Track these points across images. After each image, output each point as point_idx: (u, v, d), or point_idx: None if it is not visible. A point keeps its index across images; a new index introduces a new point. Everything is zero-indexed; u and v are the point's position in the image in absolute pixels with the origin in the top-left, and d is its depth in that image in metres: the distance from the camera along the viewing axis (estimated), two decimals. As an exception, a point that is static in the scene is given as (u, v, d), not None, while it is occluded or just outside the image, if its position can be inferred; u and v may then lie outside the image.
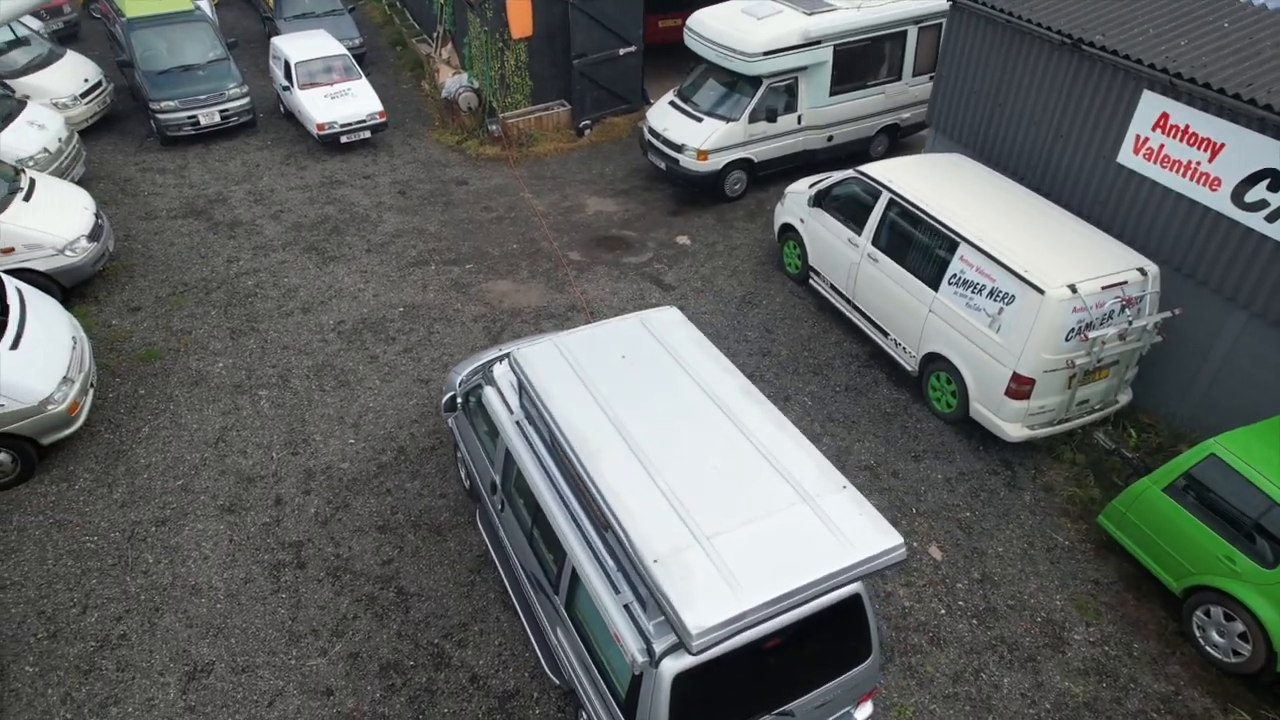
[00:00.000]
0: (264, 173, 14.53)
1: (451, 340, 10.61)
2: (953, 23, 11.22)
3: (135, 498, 8.37)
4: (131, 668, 6.91)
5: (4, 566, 7.71)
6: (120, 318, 10.87)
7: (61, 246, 10.52)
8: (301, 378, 9.94)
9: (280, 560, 7.80)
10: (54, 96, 14.71)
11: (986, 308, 8.61)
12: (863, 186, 10.18)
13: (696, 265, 12.15)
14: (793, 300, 11.39)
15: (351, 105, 14.97)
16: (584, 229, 13.08)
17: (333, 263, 12.12)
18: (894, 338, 9.86)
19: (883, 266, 9.83)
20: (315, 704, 6.68)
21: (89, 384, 8.91)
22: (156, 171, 14.46)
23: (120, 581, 7.58)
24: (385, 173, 14.65)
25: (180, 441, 9.02)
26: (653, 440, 5.31)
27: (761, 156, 13.47)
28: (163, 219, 13.07)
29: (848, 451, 9.02)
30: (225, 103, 15.20)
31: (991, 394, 8.66)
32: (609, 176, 14.61)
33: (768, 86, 12.87)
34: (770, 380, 9.98)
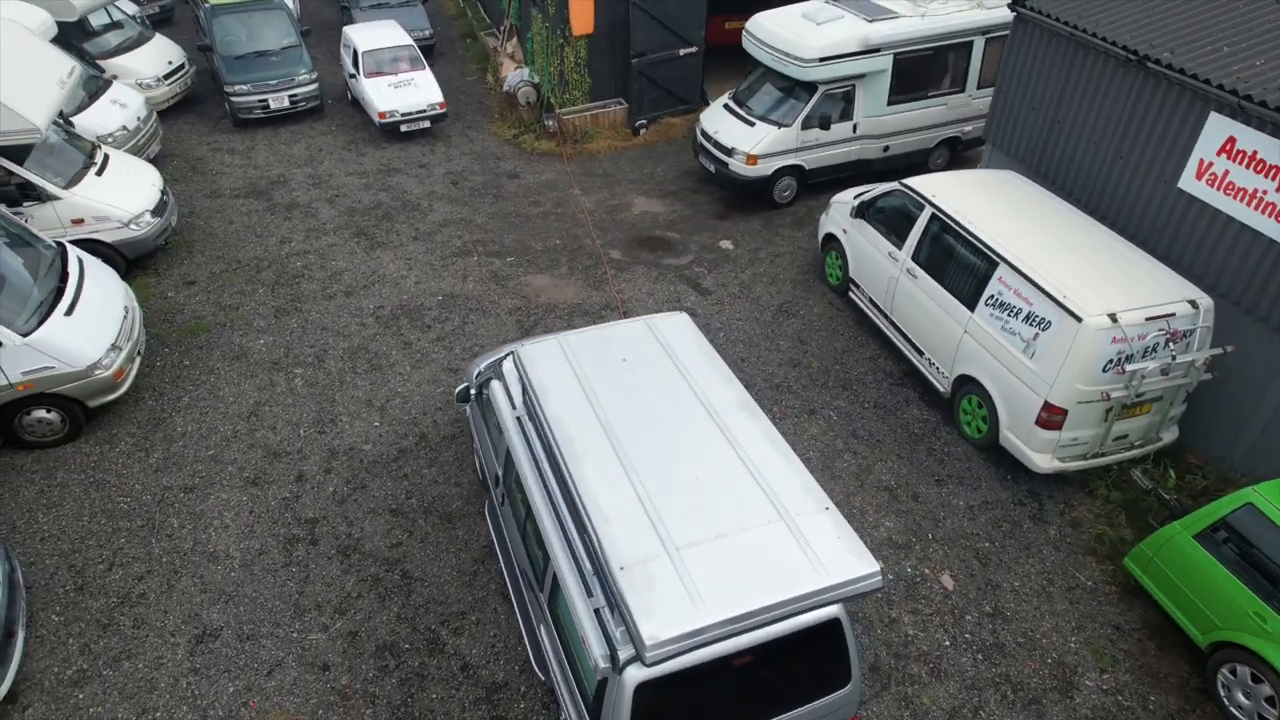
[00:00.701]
0: (325, 157, 14.99)
1: (484, 332, 10.76)
2: (1015, 34, 10.83)
3: (169, 463, 8.75)
4: (146, 626, 7.23)
5: (45, 519, 8.15)
6: (176, 290, 11.37)
7: (127, 220, 11.05)
8: (336, 359, 10.22)
9: (295, 535, 8.04)
10: (139, 77, 15.47)
11: (1022, 332, 8.29)
12: (906, 199, 9.92)
13: (737, 271, 12.04)
14: (830, 312, 11.18)
15: (413, 95, 15.31)
16: (628, 228, 13.09)
17: (380, 248, 12.43)
18: (928, 357, 9.59)
19: (921, 283, 9.56)
20: (311, 677, 6.86)
21: (136, 352, 9.35)
22: (226, 152, 15.07)
23: (146, 543, 7.93)
24: (440, 162, 14.94)
25: (216, 413, 9.38)
26: (640, 446, 5.28)
27: (813, 164, 13.25)
28: (226, 198, 13.61)
29: (868, 470, 8.81)
30: (295, 88, 15.75)
31: (1022, 422, 8.34)
32: (659, 177, 14.58)
33: (823, 93, 12.65)
34: (797, 392, 9.82)
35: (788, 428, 9.31)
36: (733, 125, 13.19)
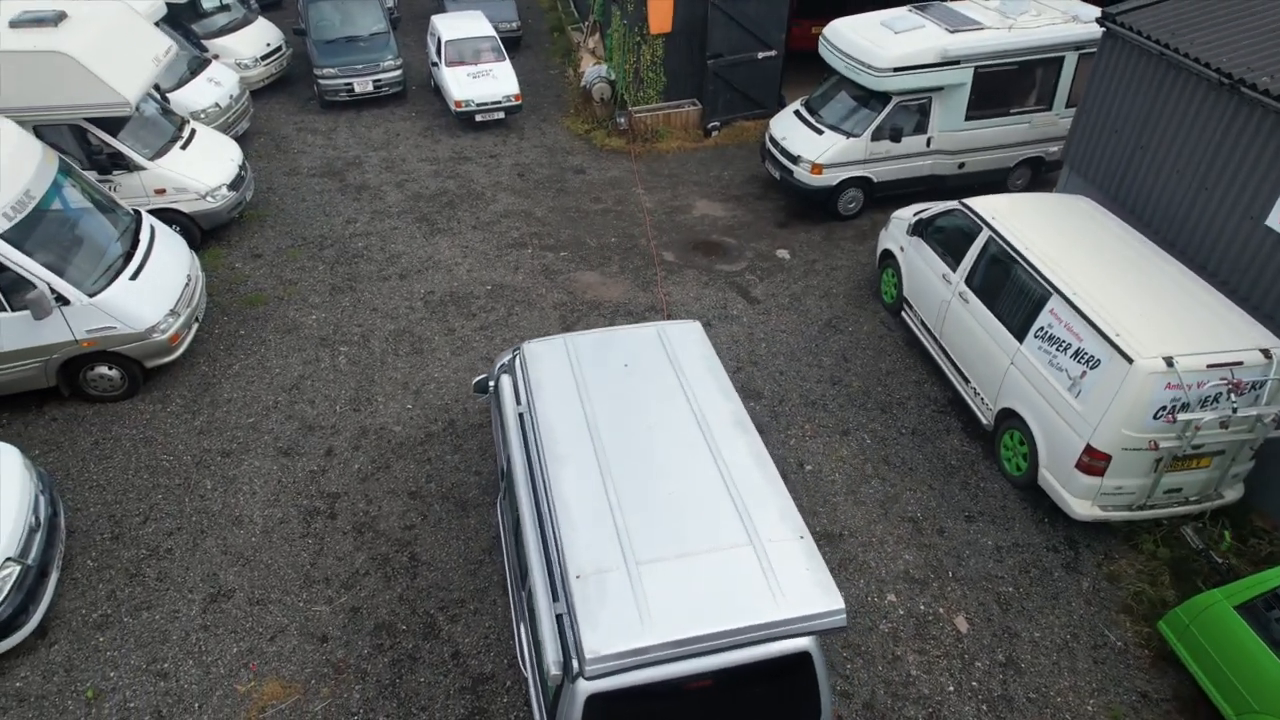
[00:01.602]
0: (401, 142, 15.42)
1: (527, 324, 10.85)
2: (1103, 50, 10.20)
3: (211, 427, 9.17)
4: (168, 580, 7.59)
5: (96, 469, 8.67)
6: (243, 262, 11.90)
7: (204, 192, 11.62)
8: (381, 340, 10.50)
9: (316, 508, 8.30)
10: (238, 58, 16.25)
11: (1069, 368, 7.81)
12: (966, 220, 9.48)
13: (790, 281, 11.77)
14: (880, 331, 10.80)
15: (490, 86, 15.57)
16: (685, 230, 12.98)
17: (439, 235, 12.69)
18: (974, 386, 9.15)
19: (972, 308, 9.13)
20: (309, 647, 7.07)
21: (194, 319, 9.82)
22: (309, 132, 15.68)
23: (180, 501, 8.33)
24: (510, 154, 15.15)
25: (261, 383, 9.77)
26: (623, 454, 5.21)
27: (882, 177, 12.83)
28: (303, 176, 14.16)
29: (894, 499, 8.47)
30: (380, 73, 16.25)
31: (1062, 464, 7.86)
32: (725, 181, 14.40)
33: (897, 104, 12.22)
34: (833, 410, 9.53)
35: (817, 447, 9.05)
36: (801, 132, 12.90)
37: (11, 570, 6.75)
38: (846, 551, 7.92)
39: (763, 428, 9.26)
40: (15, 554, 6.83)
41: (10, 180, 8.47)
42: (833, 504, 8.40)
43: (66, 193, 9.29)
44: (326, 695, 6.74)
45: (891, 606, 7.45)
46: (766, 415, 9.45)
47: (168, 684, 6.80)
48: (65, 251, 8.78)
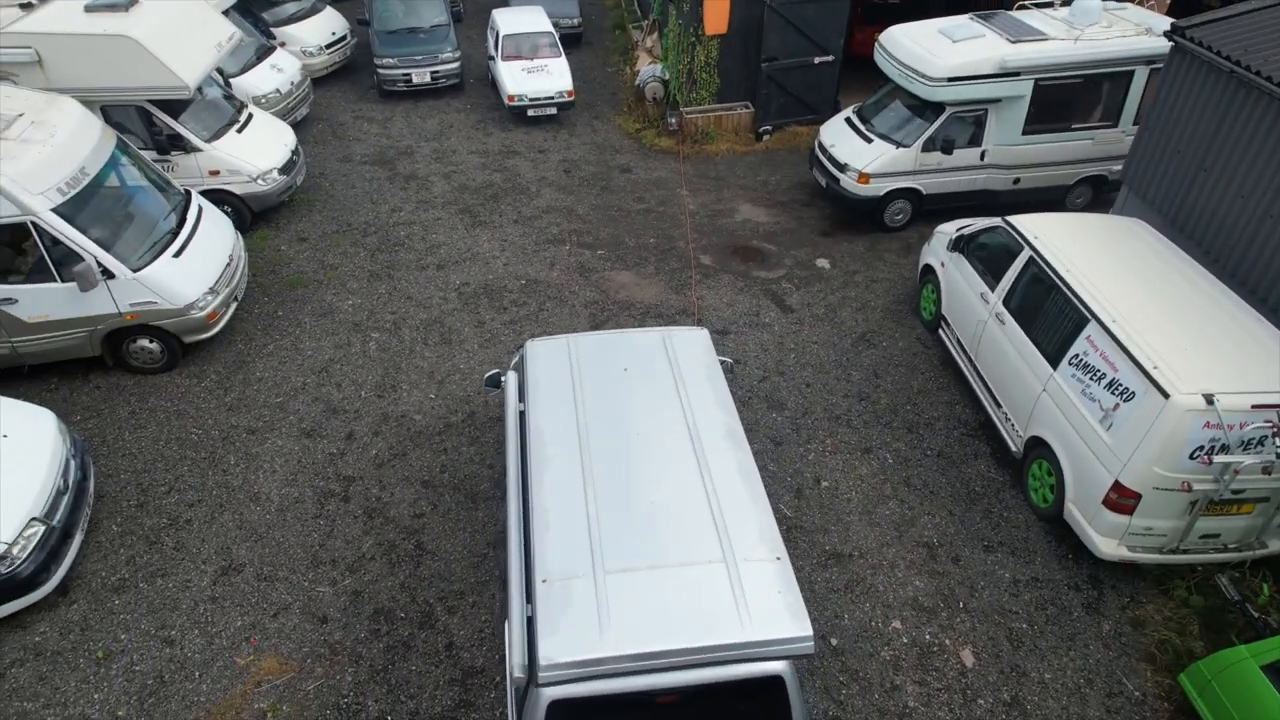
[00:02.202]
0: (453, 134, 15.62)
1: (556, 320, 10.87)
2: (1170, 66, 9.68)
3: (241, 404, 9.42)
4: (185, 550, 7.83)
5: (131, 437, 9.00)
6: (288, 245, 12.22)
7: (255, 175, 11.97)
8: (412, 328, 10.65)
9: (331, 490, 8.46)
10: (303, 45, 16.70)
11: (1102, 399, 7.43)
12: (1008, 238, 9.13)
13: (827, 291, 11.52)
14: (916, 348, 10.49)
15: (544, 81, 15.66)
16: (726, 234, 12.82)
17: (480, 227, 12.81)
18: (1005, 411, 8.80)
19: (1008, 330, 8.78)
20: (309, 627, 7.21)
21: (233, 298, 10.11)
22: (366, 120, 16.02)
23: (203, 474, 8.58)
24: (559, 149, 15.21)
25: (292, 364, 10.01)
26: (608, 460, 5.15)
27: (932, 189, 12.45)
28: (355, 163, 14.47)
29: (911, 522, 8.21)
30: (438, 65, 16.51)
31: (1089, 499, 7.49)
32: (771, 186, 14.19)
33: (951, 115, 11.84)
34: (857, 427, 9.29)
35: (836, 463, 8.83)
36: (849, 140, 12.61)
37: (36, 530, 7.05)
38: (854, 573, 7.71)
39: (782, 440, 9.09)
40: (41, 515, 7.13)
41: (67, 157, 8.84)
42: (845, 523, 8.18)
43: (120, 171, 9.65)
44: (320, 675, 6.85)
45: (895, 633, 7.22)
46: (788, 427, 9.27)
47: (173, 651, 7.01)
48: (114, 227, 9.13)
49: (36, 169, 8.50)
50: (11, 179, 8.27)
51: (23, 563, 6.90)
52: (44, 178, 8.52)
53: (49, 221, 8.45)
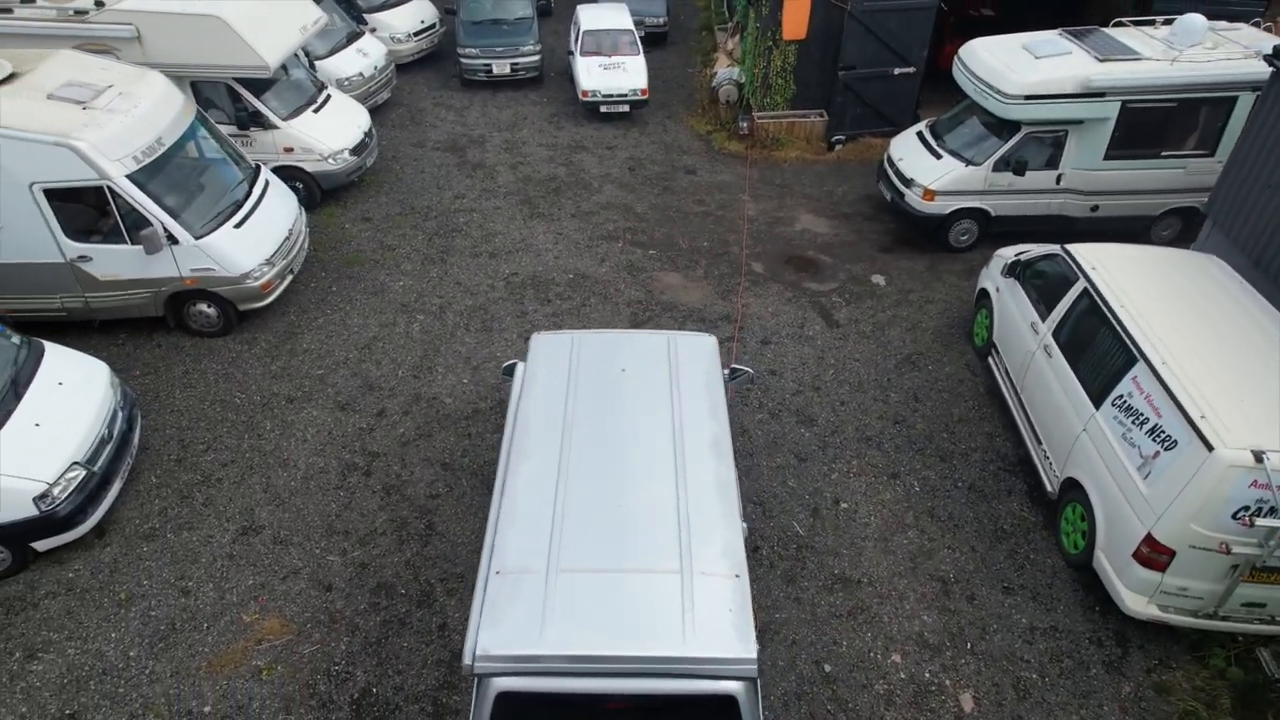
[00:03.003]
0: (526, 126, 15.86)
1: (597, 316, 10.90)
2: (1269, 93, 8.98)
3: (285, 373, 9.81)
4: (212, 507, 8.21)
5: (181, 396, 9.49)
6: (352, 223, 12.64)
7: (327, 154, 12.44)
8: (456, 313, 10.86)
9: (355, 463, 8.71)
10: (392, 32, 17.26)
11: (1142, 445, 6.96)
12: (1064, 266, 8.67)
13: (878, 309, 11.18)
14: (962, 374, 10.07)
15: (619, 78, 15.72)
16: (782, 243, 12.60)
17: (537, 219, 12.97)
18: (1045, 448, 8.35)
19: (1055, 364, 8.33)
20: (314, 593, 7.45)
21: (289, 271, 10.53)
22: (444, 107, 16.42)
23: (240, 437, 8.98)
24: (627, 147, 15.24)
25: (338, 339, 10.35)
26: (586, 459, 5.12)
27: (1001, 211, 11.92)
28: (427, 149, 14.86)
29: (928, 554, 7.88)
30: (518, 57, 16.80)
31: (1119, 550, 7.03)
32: (836, 197, 13.86)
33: (1026, 135, 11.31)
34: (887, 451, 8.98)
35: (859, 486, 8.57)
36: (918, 155, 12.20)
37: (77, 474, 7.51)
38: (859, 600, 7.45)
39: (806, 457, 8.88)
40: (83, 460, 7.59)
41: (146, 128, 9.36)
42: (859, 548, 7.93)
43: (195, 143, 10.18)
44: (317, 641, 7.07)
45: (894, 667, 6.95)
46: (815, 444, 9.04)
47: (187, 601, 7.36)
48: (182, 195, 9.62)
49: (116, 137, 9.03)
50: (93, 145, 8.81)
51: (62, 502, 7.36)
52: (122, 145, 9.04)
53: (123, 187, 8.97)
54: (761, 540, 7.97)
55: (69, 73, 9.66)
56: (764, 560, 7.79)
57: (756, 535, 8.01)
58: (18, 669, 6.86)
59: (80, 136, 8.75)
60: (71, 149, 8.69)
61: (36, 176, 8.82)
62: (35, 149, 8.68)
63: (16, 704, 6.62)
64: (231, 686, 6.75)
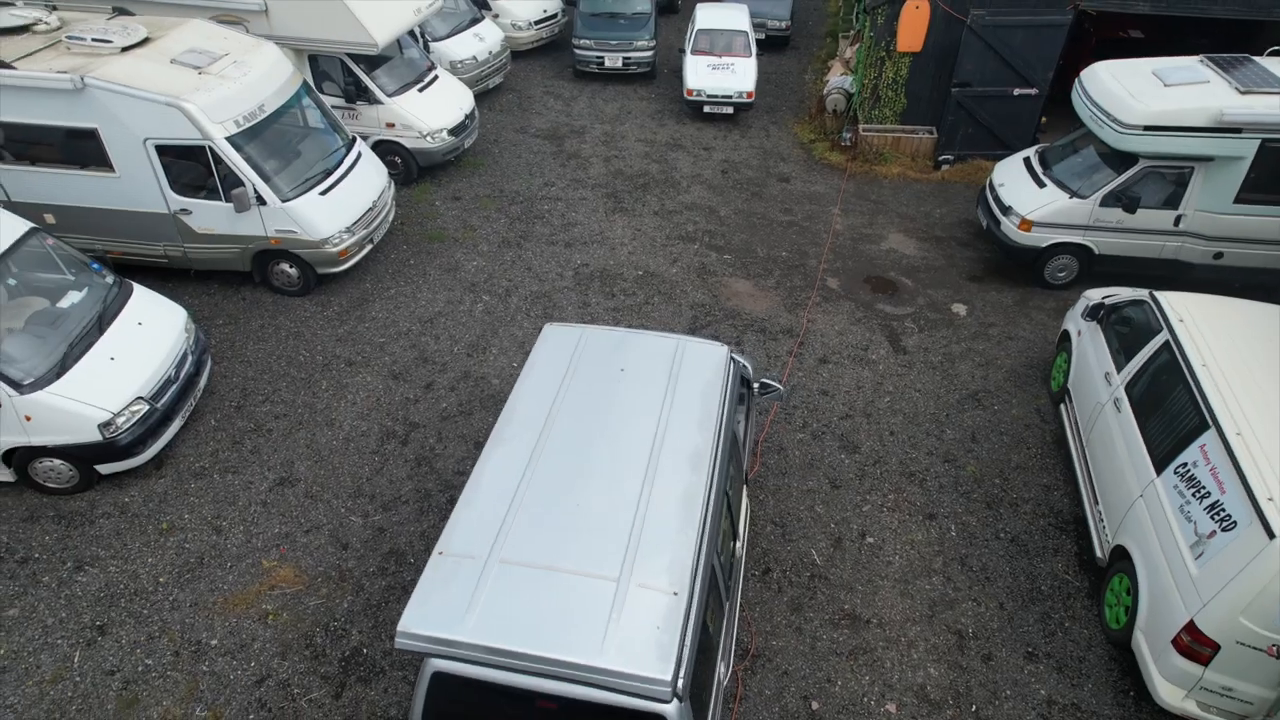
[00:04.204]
0: (628, 119, 15.93)
1: (657, 315, 10.83)
2: None
3: (349, 337, 10.26)
4: (257, 455, 8.70)
5: (253, 348, 10.10)
6: (442, 201, 13.08)
7: (425, 133, 12.92)
8: (520, 298, 11.05)
9: (394, 431, 9.02)
10: (514, 19, 17.71)
11: (1199, 522, 6.27)
12: (1149, 314, 7.91)
13: (952, 340, 10.58)
14: (1030, 419, 9.38)
15: (725, 79, 15.54)
16: (863, 261, 12.12)
17: (618, 214, 13.01)
18: (1100, 509, 7.67)
19: (1123, 419, 7.63)
20: (331, 550, 7.76)
21: (369, 241, 11.00)
22: (553, 96, 16.72)
23: (296, 393, 9.46)
24: (724, 149, 15.05)
25: (405, 310, 10.74)
26: (558, 455, 5.08)
27: (1106, 249, 11.01)
28: (528, 135, 15.17)
29: (950, 604, 7.39)
30: (631, 51, 16.89)
31: (1159, 633, 6.37)
32: (932, 219, 13.19)
33: (1143, 170, 10.38)
34: (929, 489, 8.49)
35: (891, 521, 8.13)
36: (1021, 182, 11.44)
37: (140, 408, 8.12)
38: (865, 641, 7.08)
39: (840, 484, 8.51)
40: (148, 396, 8.20)
41: (250, 95, 9.98)
42: (875, 585, 7.53)
43: (297, 112, 10.78)
44: (323, 595, 7.37)
45: (887, 716, 6.56)
46: (852, 472, 8.65)
47: (218, 539, 7.83)
48: (276, 160, 10.21)
49: (222, 101, 9.68)
50: (200, 108, 9.48)
51: (123, 432, 7.97)
52: (226, 110, 9.68)
53: (222, 148, 9.61)
54: (774, 563, 7.71)
55: (194, 40, 10.43)
56: (773, 584, 7.52)
57: (769, 557, 7.75)
58: (66, 577, 7.49)
59: (190, 99, 9.43)
60: (181, 110, 9.38)
61: (150, 133, 9.57)
62: (151, 107, 9.42)
63: (59, 608, 7.24)
64: (239, 625, 7.13)
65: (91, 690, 6.66)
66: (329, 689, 6.68)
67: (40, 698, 6.60)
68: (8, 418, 7.64)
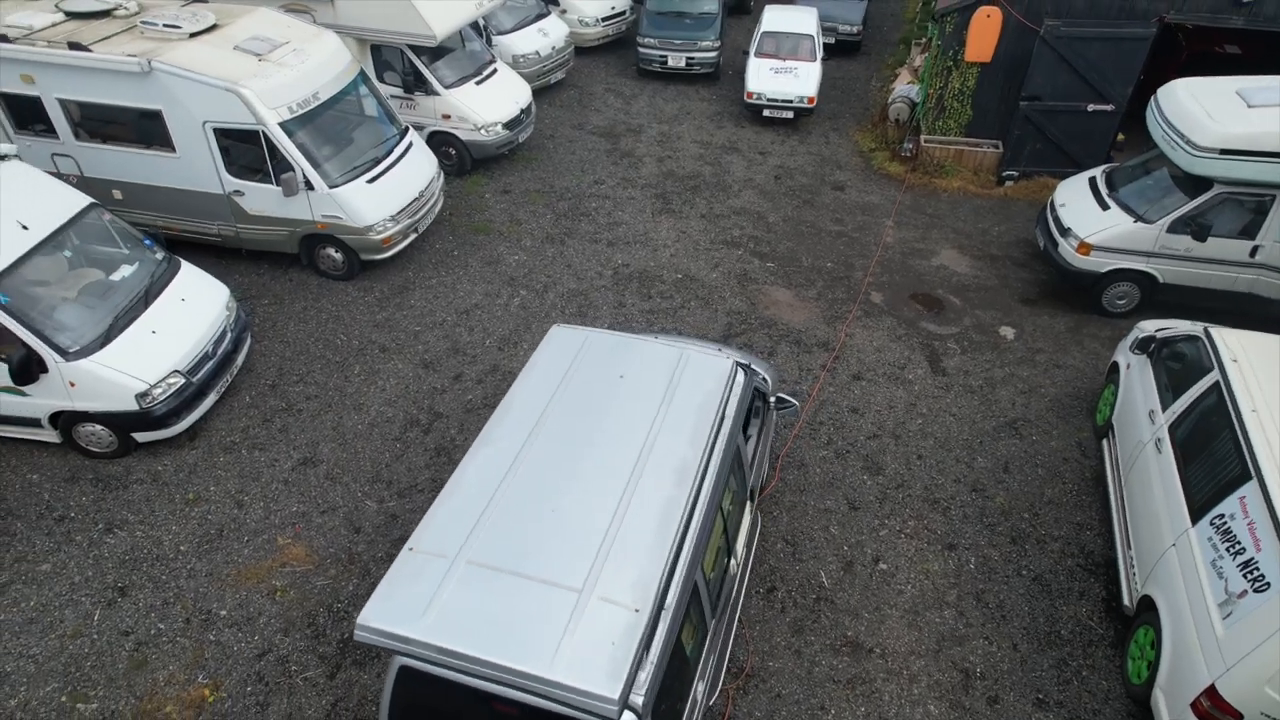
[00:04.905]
0: (686, 120, 15.81)
1: (691, 321, 10.71)
2: None
3: (386, 324, 10.46)
4: (285, 434, 8.93)
5: (294, 328, 10.38)
6: (492, 194, 13.21)
7: (480, 125, 13.07)
8: (557, 295, 11.07)
9: (418, 420, 9.15)
10: (581, 16, 17.77)
11: (1230, 579, 5.86)
12: (1201, 351, 7.43)
13: (996, 364, 10.16)
14: (1070, 453, 8.93)
15: (787, 83, 15.26)
16: (911, 276, 11.74)
17: (666, 215, 12.92)
18: (1132, 554, 7.24)
19: (1163, 461, 7.19)
20: (345, 532, 7.92)
21: (413, 230, 11.18)
22: (614, 94, 16.72)
23: (328, 375, 9.69)
24: (780, 154, 14.79)
25: (443, 300, 10.88)
26: (543, 458, 5.04)
27: (1172, 278, 10.41)
28: (584, 131, 15.20)
29: (959, 641, 7.09)
30: (695, 52, 16.76)
31: (1178, 694, 5.98)
32: (989, 237, 12.70)
33: (1218, 196, 9.77)
34: (952, 519, 8.17)
35: (908, 549, 7.86)
36: (1083, 202, 10.90)
37: (176, 381, 8.43)
38: (865, 670, 6.85)
39: (859, 506, 8.26)
40: (184, 370, 8.51)
41: (306, 82, 10.25)
42: (883, 614, 7.28)
43: (350, 101, 11.03)
44: (331, 576, 7.52)
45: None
46: (873, 495, 8.39)
47: (238, 513, 8.07)
48: (327, 147, 10.46)
49: (278, 88, 9.96)
50: (255, 93, 9.78)
51: (158, 403, 8.29)
52: (281, 96, 9.96)
53: (274, 133, 9.90)
54: (780, 581, 7.53)
55: (258, 28, 10.76)
56: (776, 603, 7.35)
57: (776, 575, 7.57)
58: (96, 537, 7.84)
59: (246, 85, 9.73)
60: (237, 94, 9.69)
61: (209, 116, 9.92)
62: (210, 91, 9.76)
63: (86, 566, 7.58)
64: (248, 599, 7.34)
65: (106, 648, 6.94)
66: (325, 669, 6.81)
67: (60, 651, 6.92)
68: (54, 382, 8.03)
